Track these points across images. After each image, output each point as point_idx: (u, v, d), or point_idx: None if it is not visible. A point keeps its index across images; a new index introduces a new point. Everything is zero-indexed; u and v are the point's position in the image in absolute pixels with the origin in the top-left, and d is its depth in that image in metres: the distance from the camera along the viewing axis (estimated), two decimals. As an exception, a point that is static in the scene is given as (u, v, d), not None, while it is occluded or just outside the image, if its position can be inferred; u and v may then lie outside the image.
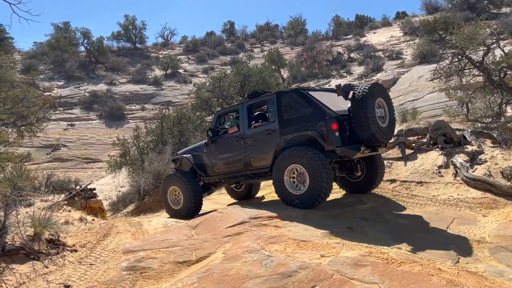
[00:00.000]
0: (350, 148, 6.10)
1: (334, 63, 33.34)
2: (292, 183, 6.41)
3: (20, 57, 37.55)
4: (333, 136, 6.04)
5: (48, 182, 15.37)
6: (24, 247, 4.86)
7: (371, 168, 7.16)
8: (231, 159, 7.46)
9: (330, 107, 6.26)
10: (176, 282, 4.26)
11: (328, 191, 6.15)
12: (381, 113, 6.39)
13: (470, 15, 31.03)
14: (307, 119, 6.35)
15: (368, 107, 6.03)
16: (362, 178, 7.28)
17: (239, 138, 7.27)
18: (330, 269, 4.10)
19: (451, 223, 6.05)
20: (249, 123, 7.22)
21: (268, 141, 6.79)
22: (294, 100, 6.61)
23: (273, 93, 6.98)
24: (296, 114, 6.54)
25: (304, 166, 6.11)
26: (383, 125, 6.31)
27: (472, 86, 11.63)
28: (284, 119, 6.63)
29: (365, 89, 6.11)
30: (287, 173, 6.38)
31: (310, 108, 6.36)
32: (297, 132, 6.42)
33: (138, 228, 6.47)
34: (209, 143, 7.82)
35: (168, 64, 37.45)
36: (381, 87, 6.63)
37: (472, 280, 4.20)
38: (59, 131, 26.50)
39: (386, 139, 6.45)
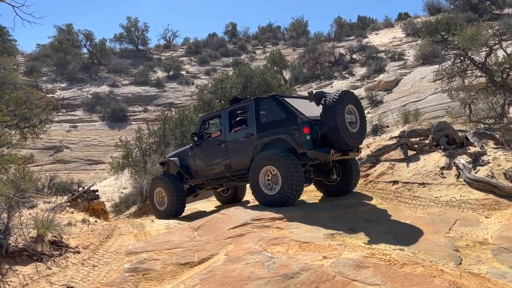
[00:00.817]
0: (320, 151, 6.43)
1: (336, 65, 33.33)
2: (267, 184, 6.72)
3: (23, 59, 37.70)
4: (304, 140, 6.41)
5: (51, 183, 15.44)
6: (27, 248, 4.88)
7: (347, 172, 7.45)
8: (214, 162, 7.82)
9: (303, 112, 6.63)
10: (179, 283, 4.27)
11: (299, 190, 6.44)
12: (352, 119, 6.70)
13: (473, 16, 30.97)
14: (282, 124, 6.74)
15: (338, 113, 6.34)
16: (338, 181, 7.57)
17: (220, 142, 7.63)
18: (332, 271, 4.10)
19: (453, 225, 6.04)
20: (230, 128, 7.57)
21: (247, 144, 7.16)
22: (270, 106, 7.03)
23: (251, 99, 7.35)
24: (272, 119, 6.94)
25: (277, 167, 6.43)
26: (353, 130, 6.63)
27: (475, 87, 11.61)
28: (261, 123, 7.03)
29: (335, 96, 6.44)
30: (262, 174, 6.70)
31: (285, 113, 6.75)
32: (272, 136, 6.80)
33: (141, 230, 6.48)
34: (193, 147, 8.21)
35: (171, 65, 37.52)
36: (351, 94, 6.89)
37: (474, 281, 4.19)
38: (61, 132, 26.58)
39: (356, 143, 6.77)
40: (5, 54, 24.52)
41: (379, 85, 26.72)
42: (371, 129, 13.75)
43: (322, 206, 7.00)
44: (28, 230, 5.14)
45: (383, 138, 10.72)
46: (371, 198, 7.54)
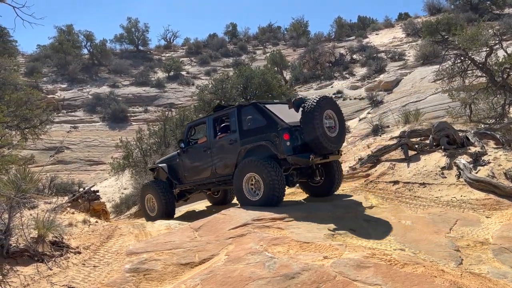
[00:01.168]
0: (300, 156, 6.66)
1: (336, 65, 33.33)
2: (251, 190, 6.91)
3: (23, 60, 37.73)
4: (284, 146, 6.63)
5: (51, 184, 15.44)
6: (28, 249, 4.88)
7: (329, 174, 7.65)
8: (200, 167, 8.02)
9: (283, 119, 6.85)
10: (179, 284, 4.27)
11: (281, 196, 6.66)
12: (330, 123, 6.91)
13: (473, 16, 30.97)
14: (263, 131, 6.96)
15: (315, 118, 6.53)
16: (322, 183, 7.78)
17: (206, 148, 7.84)
18: (333, 271, 4.11)
19: (454, 225, 6.04)
20: (215, 134, 7.80)
21: (231, 150, 7.36)
22: (252, 113, 7.25)
23: (234, 107, 7.55)
24: (254, 126, 7.15)
25: (259, 174, 6.63)
26: (332, 134, 6.83)
27: (475, 87, 11.61)
28: (244, 130, 7.24)
29: (313, 102, 6.64)
30: (245, 181, 6.90)
31: (265, 120, 6.98)
32: (254, 142, 7.00)
33: (141, 230, 6.48)
34: (181, 153, 8.43)
35: (171, 66, 37.52)
36: (330, 100, 7.13)
37: (475, 281, 4.19)
38: (62, 133, 26.60)
39: (335, 147, 6.98)
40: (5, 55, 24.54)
41: (380, 85, 26.73)
42: (371, 129, 13.75)
43: (323, 206, 7.00)
44: (29, 230, 5.14)
45: (384, 138, 10.73)
46: (372, 198, 7.54)
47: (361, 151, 10.31)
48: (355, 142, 12.77)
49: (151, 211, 8.70)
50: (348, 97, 27.04)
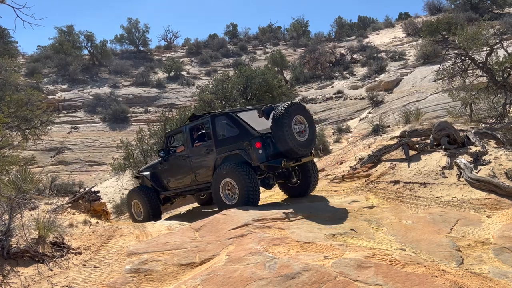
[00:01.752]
0: (272, 162, 6.99)
1: (337, 65, 33.32)
2: (228, 195, 7.22)
3: (24, 61, 37.74)
4: (257, 154, 6.92)
5: (52, 185, 15.44)
6: (28, 250, 4.88)
7: (305, 175, 7.90)
8: (181, 176, 8.31)
9: (255, 127, 7.14)
10: (180, 284, 4.27)
11: (255, 199, 6.93)
12: (300, 128, 7.16)
13: (473, 16, 30.93)
14: (236, 140, 7.24)
15: (284, 125, 6.77)
16: (299, 183, 8.04)
17: (185, 157, 8.11)
18: (333, 271, 4.10)
19: (455, 224, 6.03)
20: (192, 143, 8.04)
21: (208, 158, 7.65)
22: (225, 122, 7.50)
23: (208, 116, 7.81)
24: (228, 135, 7.44)
25: (234, 180, 6.95)
26: (302, 139, 7.10)
27: (476, 87, 11.60)
28: (219, 139, 7.51)
29: (282, 109, 6.87)
30: (222, 186, 7.21)
31: (238, 129, 7.27)
32: (229, 151, 7.29)
33: (142, 231, 6.48)
34: (162, 162, 8.70)
35: (171, 66, 37.52)
36: (299, 105, 7.33)
37: (476, 281, 4.18)
38: (63, 134, 26.61)
39: (305, 151, 7.21)
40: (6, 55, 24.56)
41: (380, 85, 26.72)
42: (372, 129, 13.75)
43: (323, 206, 7.00)
44: (29, 231, 5.15)
45: (384, 138, 10.73)
46: (372, 198, 7.54)
47: (362, 151, 10.30)
48: (356, 142, 12.77)
49: (137, 216, 8.97)
50: (348, 97, 27.05)
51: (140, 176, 9.32)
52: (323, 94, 28.74)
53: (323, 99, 27.98)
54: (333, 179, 9.24)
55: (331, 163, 10.44)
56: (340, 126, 23.27)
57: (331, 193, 8.46)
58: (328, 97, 27.99)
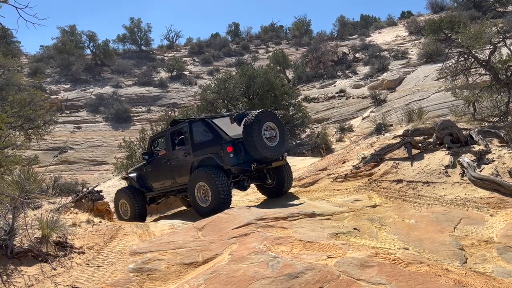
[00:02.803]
0: (242, 166, 7.44)
1: (339, 64, 33.30)
2: (202, 197, 7.60)
3: (27, 61, 37.87)
4: (228, 158, 7.36)
5: (55, 184, 15.46)
6: (32, 249, 4.89)
7: (280, 177, 8.32)
8: (163, 177, 8.72)
9: (228, 132, 7.58)
10: (183, 283, 4.28)
11: (227, 202, 7.28)
12: (271, 134, 7.59)
13: (476, 14, 30.84)
14: (210, 144, 7.68)
15: (254, 131, 7.23)
16: (274, 185, 8.45)
17: (166, 160, 8.52)
18: (336, 270, 4.10)
19: (458, 223, 6.01)
20: (173, 147, 8.46)
21: (186, 161, 8.07)
22: (201, 127, 7.94)
23: (186, 122, 8.23)
24: (203, 139, 7.86)
25: (207, 183, 7.34)
26: (272, 144, 7.54)
27: (479, 85, 11.55)
28: (195, 143, 7.92)
29: (252, 116, 7.35)
30: (197, 189, 7.60)
31: (212, 134, 7.70)
32: (203, 155, 7.73)
33: (145, 230, 6.49)
34: (146, 164, 9.12)
35: (174, 66, 37.57)
36: (269, 113, 7.79)
37: (480, 280, 4.17)
38: (66, 133, 26.69)
39: (275, 155, 7.65)
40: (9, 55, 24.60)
41: (383, 84, 26.68)
42: (374, 128, 13.72)
43: (326, 206, 6.99)
44: (33, 230, 5.16)
45: (387, 137, 10.69)
46: (375, 197, 7.53)
47: (364, 150, 10.27)
48: (358, 141, 12.73)
49: (124, 215, 9.29)
50: (351, 96, 27.01)
51: (128, 178, 9.70)
52: (326, 93, 28.72)
53: (326, 98, 27.96)
54: (335, 178, 9.23)
55: (333, 162, 10.42)
56: (342, 125, 23.26)
57: (333, 192, 8.45)
58: (330, 96, 27.96)
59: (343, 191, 8.32)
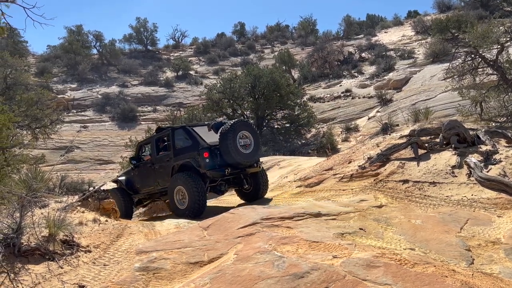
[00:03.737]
0: (217, 171, 7.94)
1: (345, 63, 33.21)
2: (180, 200, 8.09)
3: (34, 60, 38.14)
4: (204, 163, 7.88)
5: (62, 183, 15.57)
6: (39, 247, 4.92)
7: (256, 182, 8.84)
8: (148, 180, 9.23)
9: (206, 139, 8.13)
10: (189, 282, 4.29)
11: (202, 204, 7.75)
12: (245, 142, 8.11)
13: (484, 13, 30.62)
14: (189, 150, 8.23)
15: (229, 139, 7.79)
16: (251, 190, 8.95)
17: (151, 164, 9.09)
18: (342, 270, 4.09)
19: (465, 224, 5.98)
20: (157, 152, 9.00)
21: (167, 166, 8.59)
22: (181, 134, 8.51)
23: (169, 129, 8.83)
24: (184, 146, 8.43)
25: (184, 187, 7.85)
26: (247, 151, 8.05)
27: (486, 85, 11.48)
28: (176, 149, 8.48)
29: (228, 125, 7.92)
30: (176, 192, 8.11)
31: (191, 141, 8.26)
32: (183, 160, 8.25)
33: (151, 229, 6.51)
34: (133, 168, 9.66)
35: (179, 65, 37.66)
36: (244, 122, 8.52)
37: (487, 281, 4.14)
38: (72, 133, 26.84)
39: (249, 162, 8.19)
40: (16, 55, 24.80)
41: (389, 83, 26.59)
42: (380, 128, 13.67)
43: (332, 206, 6.98)
44: (40, 229, 5.19)
45: (393, 137, 10.65)
46: (381, 197, 7.50)
47: (370, 150, 10.23)
48: (364, 140, 12.70)
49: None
50: (357, 96, 26.93)
51: (117, 181, 10.18)
52: (331, 93, 28.66)
53: (331, 98, 27.90)
54: (341, 178, 9.21)
55: (339, 162, 10.39)
56: (348, 125, 23.21)
57: (339, 192, 8.44)
58: (336, 96, 27.90)
59: (349, 191, 8.30)
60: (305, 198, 8.40)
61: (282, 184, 10.93)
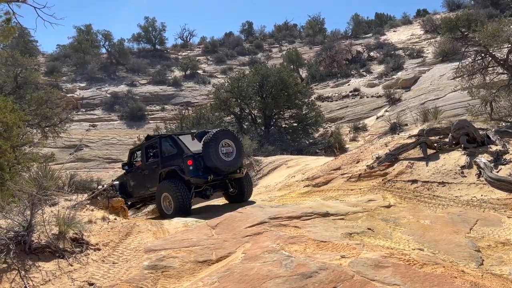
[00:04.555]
0: (200, 177, 8.27)
1: (353, 62, 33.07)
2: (167, 206, 8.42)
3: (44, 60, 38.48)
4: (188, 170, 8.22)
5: (71, 181, 15.71)
6: (49, 245, 4.97)
7: (240, 187, 9.17)
8: (139, 185, 9.63)
9: (190, 148, 8.46)
10: (197, 281, 4.31)
11: (187, 210, 8.06)
12: (228, 150, 8.46)
13: (494, 12, 30.31)
14: (175, 157, 8.60)
15: (211, 147, 8.11)
16: (236, 193, 9.30)
17: (141, 170, 9.46)
18: (350, 270, 4.08)
19: (474, 225, 5.93)
20: (147, 159, 9.37)
21: (155, 172, 8.93)
22: (168, 142, 8.88)
23: (157, 137, 9.20)
24: (170, 153, 8.79)
25: (169, 193, 8.22)
26: (229, 159, 8.39)
27: (496, 85, 11.37)
28: (163, 156, 8.85)
29: (210, 134, 8.27)
30: (163, 198, 8.47)
31: (176, 149, 8.64)
32: (169, 167, 8.59)
33: (159, 227, 6.55)
34: (126, 174, 10.08)
35: (187, 65, 37.76)
36: (226, 131, 8.77)
37: (497, 283, 4.11)
38: (81, 131, 27.04)
39: (231, 169, 8.49)
40: (26, 55, 25.04)
41: (397, 83, 26.43)
42: (389, 127, 13.61)
43: (340, 205, 6.97)
44: (50, 227, 5.24)
45: (402, 137, 10.59)
46: (389, 197, 7.47)
47: (379, 149, 10.19)
48: (373, 140, 12.65)
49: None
50: (365, 95, 26.81)
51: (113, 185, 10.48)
52: (339, 92, 28.55)
53: (339, 97, 27.80)
54: (349, 178, 9.19)
55: (347, 162, 10.37)
56: (356, 124, 23.11)
57: (347, 191, 8.41)
58: (344, 95, 27.80)
59: (357, 191, 8.28)
60: (313, 198, 8.39)
61: (290, 183, 10.92)
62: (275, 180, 12.56)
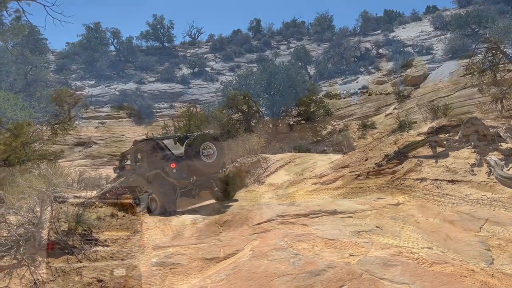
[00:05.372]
0: (183, 179, 8.64)
1: (362, 59, 32.84)
2: (155, 206, 8.70)
3: (53, 57, 38.72)
4: (171, 173, 8.61)
5: (80, 178, 15.80)
6: (59, 241, 5.01)
7: (225, 185, 9.56)
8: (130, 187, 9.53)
9: (173, 151, 8.89)
10: (205, 278, 4.31)
11: (170, 209, 8.39)
12: (209, 152, 8.91)
13: (505, 8, 29.90)
14: (159, 160, 8.95)
15: (192, 150, 8.56)
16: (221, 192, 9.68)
17: (131, 172, 9.83)
18: (359, 269, 4.06)
19: (484, 223, 5.87)
20: (136, 162, 9.80)
21: (143, 175, 9.33)
22: (153, 146, 9.28)
23: (144, 142, 9.69)
24: (155, 157, 9.12)
25: (156, 196, 8.61)
26: (210, 160, 8.84)
27: (507, 82, 11.23)
28: (150, 160, 9.23)
29: (191, 138, 8.76)
30: (151, 200, 8.83)
31: (160, 152, 9.02)
32: (154, 170, 8.97)
33: (167, 224, 6.57)
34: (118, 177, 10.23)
35: (195, 62, 37.78)
36: (207, 134, 9.22)
37: (507, 282, 4.06)
38: (90, 129, 27.19)
39: (212, 170, 8.98)
40: (36, 52, 25.23)
41: (406, 80, 26.22)
42: (398, 125, 13.51)
43: (348, 203, 6.94)
44: (59, 223, 5.28)
45: (411, 134, 10.50)
46: (398, 196, 7.42)
47: (388, 147, 10.12)
48: (381, 138, 12.56)
49: None
50: (373, 92, 26.64)
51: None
52: (348, 89, 28.40)
53: (348, 95, 27.65)
54: (357, 176, 9.14)
55: (355, 160, 10.31)
56: (365, 122, 22.96)
57: (355, 189, 8.37)
58: (352, 93, 27.64)
59: (365, 189, 8.23)
60: (321, 196, 8.36)
61: (298, 181, 10.90)
62: (283, 177, 12.53)
